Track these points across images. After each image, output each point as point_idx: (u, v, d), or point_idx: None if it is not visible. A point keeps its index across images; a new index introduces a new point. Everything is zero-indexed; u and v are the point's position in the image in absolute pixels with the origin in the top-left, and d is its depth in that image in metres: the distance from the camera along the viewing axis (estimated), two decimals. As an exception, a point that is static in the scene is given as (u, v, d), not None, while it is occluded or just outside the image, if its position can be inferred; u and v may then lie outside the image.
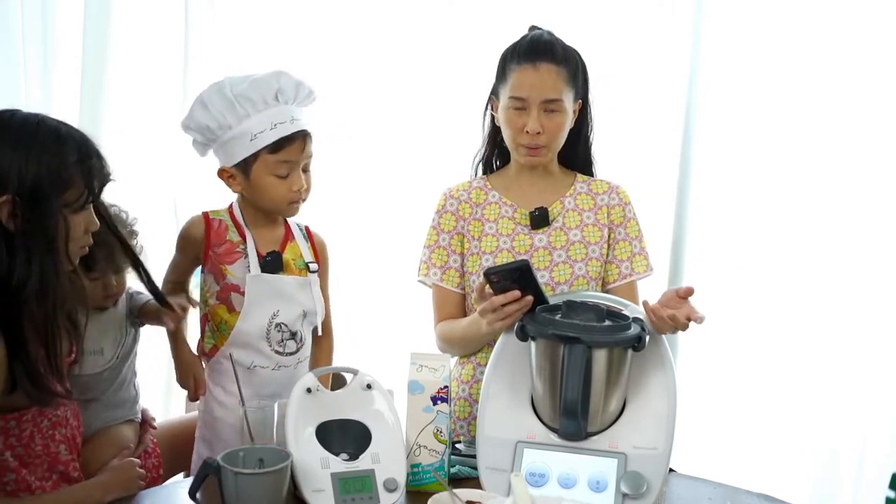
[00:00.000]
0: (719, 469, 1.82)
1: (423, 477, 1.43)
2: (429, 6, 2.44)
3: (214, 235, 1.62)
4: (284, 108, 1.56)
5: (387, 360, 2.01)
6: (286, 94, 1.57)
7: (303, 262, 1.67)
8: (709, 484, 1.51)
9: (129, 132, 2.30)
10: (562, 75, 1.68)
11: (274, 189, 1.58)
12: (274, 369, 1.63)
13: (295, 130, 1.56)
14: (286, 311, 1.63)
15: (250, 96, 1.54)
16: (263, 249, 1.63)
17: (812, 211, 2.35)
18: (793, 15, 2.32)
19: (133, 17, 2.28)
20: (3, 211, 1.21)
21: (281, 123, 1.54)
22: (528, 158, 1.73)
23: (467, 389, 1.78)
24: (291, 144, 1.56)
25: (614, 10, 2.41)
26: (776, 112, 2.36)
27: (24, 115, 1.28)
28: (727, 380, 2.44)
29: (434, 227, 1.81)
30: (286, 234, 1.68)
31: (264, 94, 1.54)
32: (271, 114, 1.55)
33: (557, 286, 1.73)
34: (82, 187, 1.29)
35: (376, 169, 2.46)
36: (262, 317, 1.61)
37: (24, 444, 1.38)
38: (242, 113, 1.54)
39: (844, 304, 2.33)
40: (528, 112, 1.66)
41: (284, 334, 1.63)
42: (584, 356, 1.30)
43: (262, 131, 1.53)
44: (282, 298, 1.62)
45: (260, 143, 1.54)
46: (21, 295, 1.22)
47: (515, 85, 1.68)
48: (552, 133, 1.69)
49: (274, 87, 1.55)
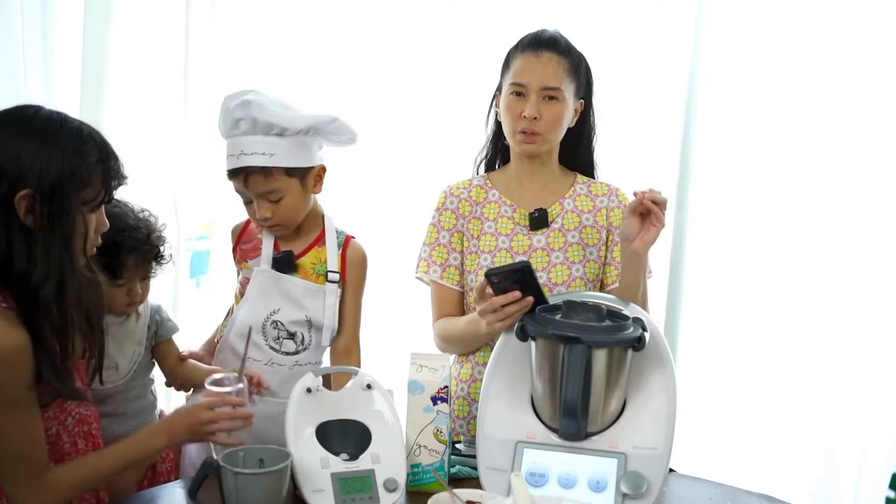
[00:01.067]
0: (719, 469, 1.82)
1: (423, 477, 1.43)
2: (429, 6, 2.44)
3: (246, 234, 1.71)
4: (238, 141, 1.56)
5: (387, 360, 2.01)
6: (243, 126, 1.56)
7: (324, 268, 1.66)
8: (709, 484, 1.51)
9: (129, 132, 2.30)
10: (563, 66, 1.69)
11: (247, 212, 1.64)
12: (266, 364, 1.63)
13: (236, 166, 1.57)
14: (287, 312, 1.63)
15: (219, 124, 1.59)
16: (285, 247, 1.64)
17: (812, 211, 2.35)
18: (793, 15, 2.32)
19: (133, 17, 2.28)
20: (22, 206, 1.22)
21: (230, 155, 1.58)
22: (523, 146, 1.72)
23: (466, 388, 1.78)
24: (235, 178, 1.59)
25: (614, 10, 2.41)
26: (776, 112, 2.36)
27: (48, 112, 1.30)
28: (727, 380, 2.44)
29: (434, 224, 1.81)
30: (317, 238, 1.68)
31: (225, 124, 1.58)
32: (228, 144, 1.59)
33: (555, 287, 1.73)
34: (100, 187, 1.30)
35: (376, 169, 2.46)
36: (260, 310, 1.62)
37: (51, 442, 1.36)
38: (223, 133, 1.60)
39: (844, 304, 2.33)
40: (528, 99, 1.67)
41: (281, 332, 1.62)
42: (584, 356, 1.30)
43: (226, 156, 1.59)
44: (285, 298, 1.62)
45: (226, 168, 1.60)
46: (40, 291, 1.23)
47: (516, 71, 1.70)
48: (549, 122, 1.69)
49: (233, 118, 1.56)
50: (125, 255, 1.55)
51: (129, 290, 1.58)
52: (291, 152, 1.57)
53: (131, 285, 1.58)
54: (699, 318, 2.44)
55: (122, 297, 1.58)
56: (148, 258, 1.59)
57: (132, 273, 1.57)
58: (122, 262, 1.55)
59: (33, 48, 2.25)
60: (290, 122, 1.56)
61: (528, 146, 1.71)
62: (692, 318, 2.45)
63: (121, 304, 1.59)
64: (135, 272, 1.58)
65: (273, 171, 1.56)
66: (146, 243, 1.58)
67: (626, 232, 1.55)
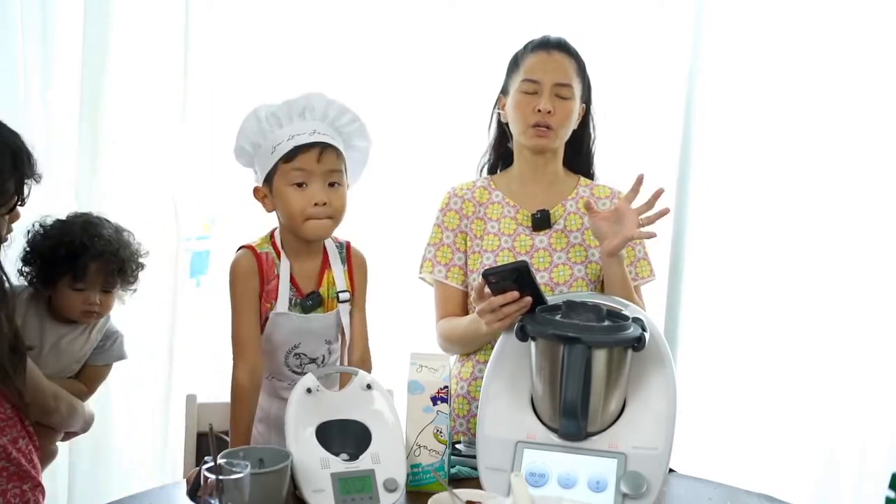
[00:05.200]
0: (719, 469, 1.82)
1: (423, 477, 1.43)
2: (429, 5, 2.44)
3: (266, 271, 1.53)
4: (308, 123, 1.53)
5: (387, 360, 2.01)
6: (314, 112, 1.53)
7: (335, 291, 1.59)
8: (709, 484, 1.51)
9: (128, 132, 2.29)
10: (572, 66, 1.72)
11: (291, 200, 1.51)
12: (290, 385, 1.54)
13: (311, 140, 1.51)
14: (307, 344, 1.57)
15: (278, 114, 1.52)
16: (301, 281, 1.56)
17: (812, 212, 2.35)
18: (793, 15, 2.32)
19: (133, 17, 2.28)
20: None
21: (299, 135, 1.51)
22: (536, 140, 1.71)
23: (466, 387, 1.78)
24: (306, 153, 1.50)
25: (615, 10, 2.41)
26: (776, 113, 2.36)
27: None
28: (727, 380, 2.44)
29: (438, 224, 1.82)
30: (324, 263, 1.60)
31: (290, 112, 1.53)
32: (293, 128, 1.52)
33: (557, 287, 1.73)
34: (13, 192, 1.31)
35: (375, 169, 2.45)
36: (282, 349, 1.56)
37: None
38: (268, 129, 1.52)
39: (844, 304, 2.33)
40: (541, 95, 1.69)
41: (304, 360, 1.58)
42: (584, 356, 1.30)
43: (280, 143, 1.51)
44: (306, 334, 1.57)
45: (278, 154, 1.51)
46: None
47: (529, 69, 1.71)
48: (562, 118, 1.70)
49: (301, 105, 1.53)
50: (89, 259, 1.57)
51: (87, 298, 1.60)
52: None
53: (90, 293, 1.60)
54: (699, 318, 2.44)
55: (78, 304, 1.60)
56: (111, 269, 1.61)
57: (93, 280, 1.59)
58: (85, 265, 1.57)
59: (33, 48, 2.25)
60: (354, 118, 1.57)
61: (541, 140, 1.71)
62: (692, 318, 2.45)
63: (75, 310, 1.61)
64: (96, 279, 1.59)
65: (342, 154, 1.55)
66: (113, 254, 1.60)
67: (598, 231, 1.63)
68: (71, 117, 2.27)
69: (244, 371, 1.49)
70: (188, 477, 1.44)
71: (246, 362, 1.50)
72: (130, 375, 2.32)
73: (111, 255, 1.61)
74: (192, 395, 1.83)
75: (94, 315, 1.63)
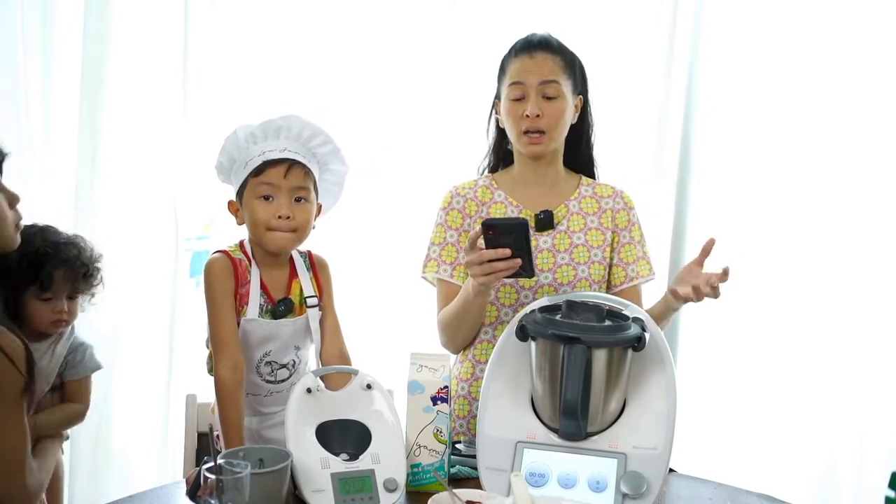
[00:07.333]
0: (719, 469, 1.82)
1: (423, 477, 1.43)
2: (429, 5, 2.44)
3: (241, 274, 1.57)
4: (281, 142, 1.56)
5: (387, 360, 2.01)
6: (290, 132, 1.57)
7: (303, 297, 1.63)
8: (709, 484, 1.51)
9: (128, 132, 2.30)
10: (557, 63, 1.71)
11: (257, 211, 1.54)
12: (266, 395, 1.62)
13: (280, 157, 1.55)
14: (278, 351, 1.60)
15: (255, 133, 1.56)
16: (272, 289, 1.60)
17: (812, 212, 2.35)
18: (793, 15, 2.32)
19: (133, 17, 2.28)
20: None
21: (270, 151, 1.55)
22: (529, 147, 1.72)
23: (467, 388, 1.78)
24: (274, 168, 1.55)
25: (615, 10, 2.41)
26: (776, 112, 2.36)
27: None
28: (727, 380, 2.44)
29: (441, 223, 1.81)
30: (291, 273, 1.64)
31: (266, 131, 1.56)
32: (266, 145, 1.56)
33: (560, 287, 1.73)
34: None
35: (375, 169, 2.46)
36: (254, 358, 1.58)
37: None
38: (244, 146, 1.57)
39: (844, 304, 2.33)
40: (527, 99, 1.69)
41: (275, 366, 1.61)
42: (584, 356, 1.30)
43: (252, 158, 1.55)
44: (276, 340, 1.60)
45: (249, 168, 1.55)
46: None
47: (513, 73, 1.71)
48: (552, 118, 1.69)
49: (278, 125, 1.56)
50: (54, 267, 1.57)
51: (55, 306, 1.60)
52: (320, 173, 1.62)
53: (57, 301, 1.60)
54: (699, 319, 2.44)
55: (48, 314, 1.59)
56: (77, 274, 1.61)
57: (60, 287, 1.59)
58: (51, 273, 1.57)
59: (33, 48, 2.25)
60: (327, 139, 1.60)
61: (535, 147, 1.71)
62: (692, 318, 2.45)
63: (44, 321, 1.60)
64: (62, 287, 1.60)
65: (310, 172, 1.58)
66: (77, 259, 1.61)
67: (681, 276, 1.61)
68: (71, 117, 2.27)
69: (226, 367, 1.50)
70: (188, 477, 1.45)
71: (227, 358, 1.51)
72: (130, 375, 2.33)
73: (75, 260, 1.61)
74: (192, 395, 1.83)
75: (63, 323, 1.63)
